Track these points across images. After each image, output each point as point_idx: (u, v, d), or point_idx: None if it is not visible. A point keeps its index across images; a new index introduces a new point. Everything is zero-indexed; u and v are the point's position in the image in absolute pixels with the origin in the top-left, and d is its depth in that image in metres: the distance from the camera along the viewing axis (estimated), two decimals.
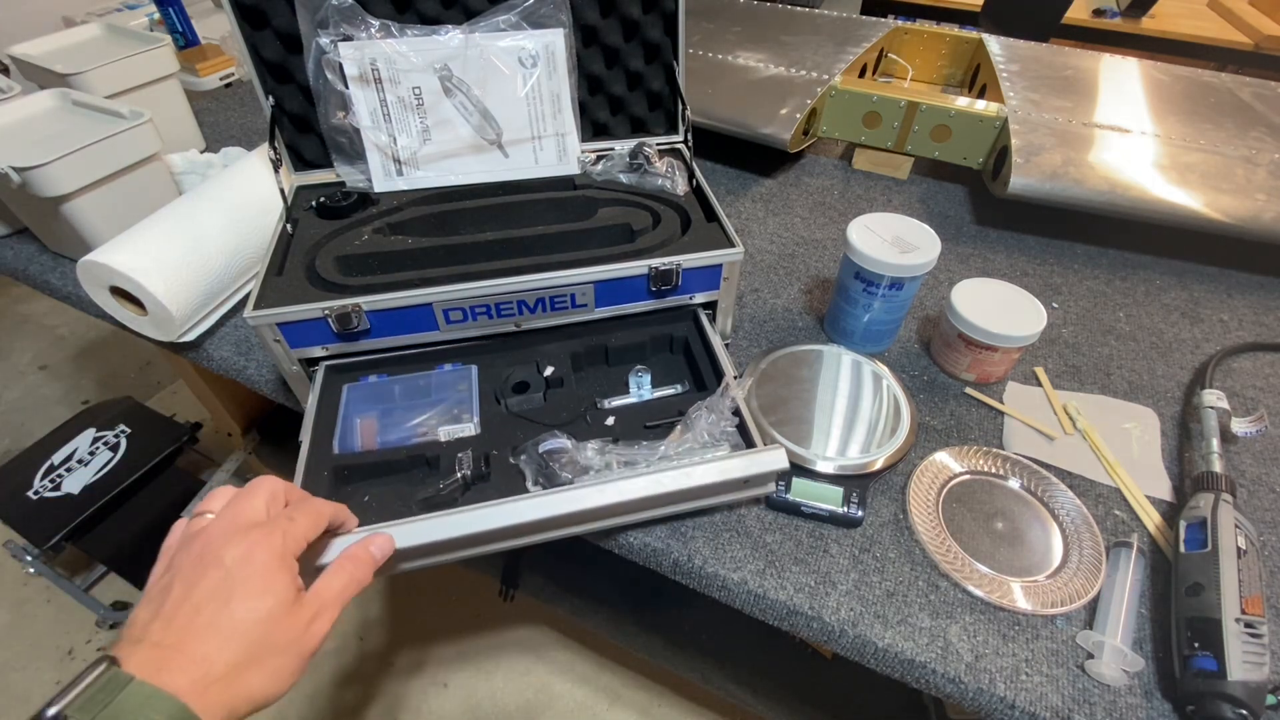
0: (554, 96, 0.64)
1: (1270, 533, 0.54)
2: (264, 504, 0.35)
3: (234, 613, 0.30)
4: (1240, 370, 0.68)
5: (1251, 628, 0.42)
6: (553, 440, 0.48)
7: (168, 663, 0.28)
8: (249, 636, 0.30)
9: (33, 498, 1.25)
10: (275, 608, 0.31)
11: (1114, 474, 0.57)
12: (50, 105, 0.79)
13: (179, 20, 1.10)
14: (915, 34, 1.16)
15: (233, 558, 0.32)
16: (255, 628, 0.31)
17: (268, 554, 0.32)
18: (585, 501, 0.43)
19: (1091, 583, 0.49)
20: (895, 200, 0.93)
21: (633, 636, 0.98)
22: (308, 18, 0.57)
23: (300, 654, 0.32)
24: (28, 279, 0.80)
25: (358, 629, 1.34)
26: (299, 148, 0.66)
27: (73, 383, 1.83)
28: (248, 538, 0.32)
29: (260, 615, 0.31)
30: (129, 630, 0.30)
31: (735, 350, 0.68)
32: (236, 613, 0.30)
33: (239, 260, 0.70)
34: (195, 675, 0.28)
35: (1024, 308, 0.62)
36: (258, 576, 0.31)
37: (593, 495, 0.43)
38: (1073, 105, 0.90)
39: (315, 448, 0.50)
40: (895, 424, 0.58)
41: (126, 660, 0.28)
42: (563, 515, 0.43)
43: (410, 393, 0.55)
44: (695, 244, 0.57)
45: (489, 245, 0.58)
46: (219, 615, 0.30)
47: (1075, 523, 0.53)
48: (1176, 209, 0.76)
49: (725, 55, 1.03)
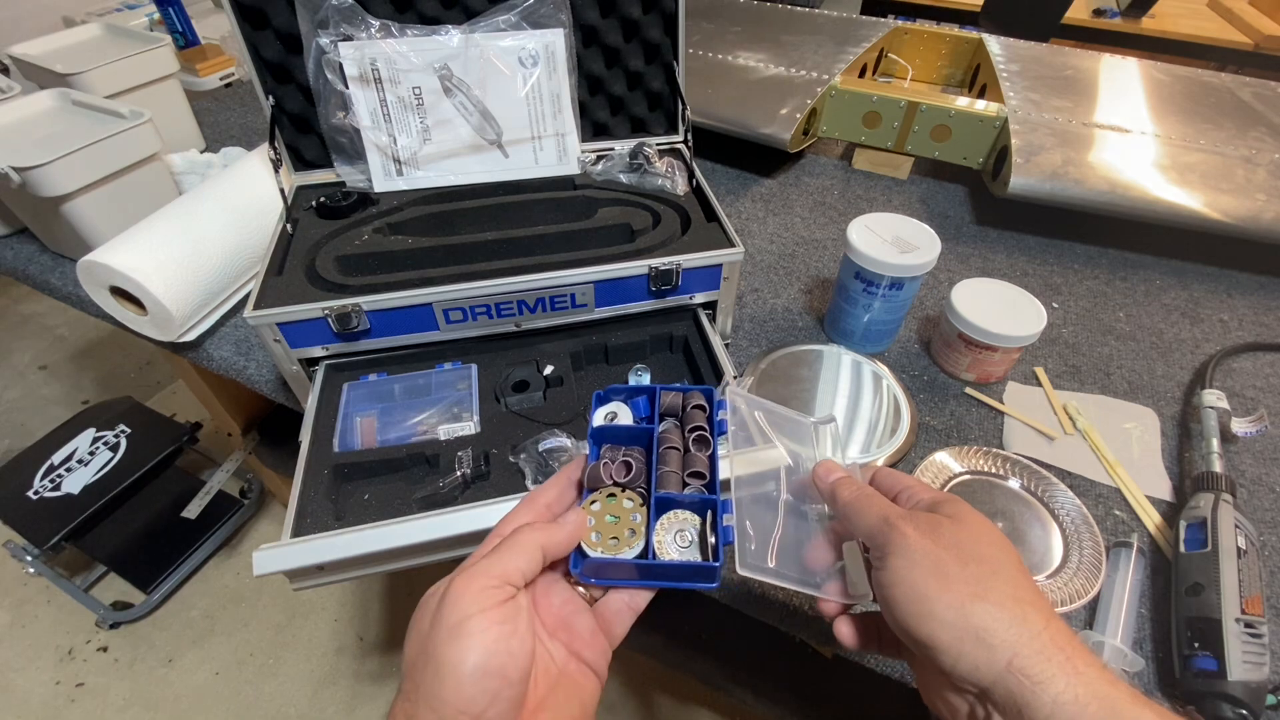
0: (554, 96, 0.64)
1: (1270, 533, 0.53)
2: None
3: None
4: (1240, 370, 0.68)
5: (1251, 628, 0.42)
6: (552, 439, 0.48)
7: None
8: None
9: (33, 498, 1.25)
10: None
11: (1114, 474, 0.57)
12: (50, 105, 0.79)
13: (179, 20, 1.10)
14: (915, 34, 1.16)
15: None
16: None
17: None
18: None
19: (1091, 583, 0.49)
20: (895, 200, 0.93)
21: (632, 636, 0.98)
22: (308, 18, 0.57)
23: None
24: (28, 279, 0.80)
25: (358, 629, 1.34)
26: (299, 148, 0.66)
27: (73, 383, 1.83)
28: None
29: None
30: None
31: (735, 350, 0.68)
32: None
33: (239, 260, 0.70)
34: None
35: (1024, 308, 0.62)
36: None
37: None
38: (1073, 105, 0.90)
39: (315, 447, 0.50)
40: (895, 424, 0.58)
41: None
42: None
43: (410, 391, 0.55)
44: (695, 244, 0.57)
45: (489, 245, 0.58)
46: None
47: (1075, 523, 0.53)
48: (1176, 209, 0.76)
49: (725, 55, 1.03)
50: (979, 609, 0.27)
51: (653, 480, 0.35)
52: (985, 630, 0.27)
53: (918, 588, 0.29)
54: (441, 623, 0.27)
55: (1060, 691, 0.25)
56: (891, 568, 0.30)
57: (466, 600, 0.28)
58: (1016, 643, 0.26)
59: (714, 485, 0.36)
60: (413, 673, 0.27)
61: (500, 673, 0.27)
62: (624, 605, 0.34)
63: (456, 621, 0.27)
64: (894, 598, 0.29)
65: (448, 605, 0.28)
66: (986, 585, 0.28)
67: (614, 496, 0.35)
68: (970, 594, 0.28)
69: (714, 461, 0.37)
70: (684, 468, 0.36)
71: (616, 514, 0.34)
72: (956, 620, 0.27)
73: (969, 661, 0.27)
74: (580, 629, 0.33)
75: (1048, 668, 0.26)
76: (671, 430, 0.38)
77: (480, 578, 0.29)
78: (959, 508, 0.32)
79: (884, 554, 0.30)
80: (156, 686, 1.25)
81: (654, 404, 0.39)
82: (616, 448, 0.37)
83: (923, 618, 0.28)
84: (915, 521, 0.31)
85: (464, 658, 0.26)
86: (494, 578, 0.29)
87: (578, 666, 0.32)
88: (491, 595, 0.28)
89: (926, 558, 0.29)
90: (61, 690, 1.25)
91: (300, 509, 0.45)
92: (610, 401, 0.41)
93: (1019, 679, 0.26)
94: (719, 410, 0.39)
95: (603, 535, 0.34)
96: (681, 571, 0.33)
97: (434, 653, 0.27)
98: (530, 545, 0.31)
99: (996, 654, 0.26)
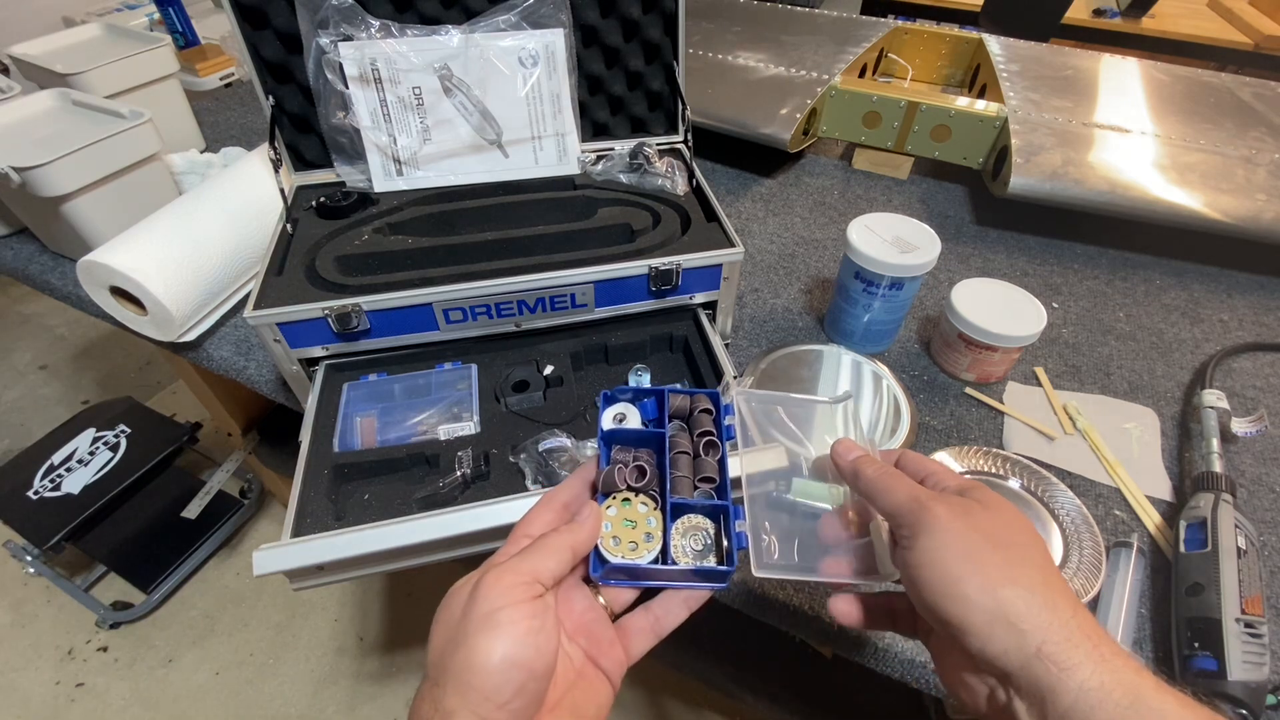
0: (554, 96, 0.64)
1: (1270, 533, 0.53)
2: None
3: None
4: (1240, 370, 0.68)
5: (1251, 628, 0.42)
6: (552, 439, 0.48)
7: None
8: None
9: (33, 498, 1.25)
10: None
11: (1114, 474, 0.57)
12: (50, 105, 0.79)
13: (179, 20, 1.10)
14: (915, 34, 1.16)
15: None
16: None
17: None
18: None
19: (1091, 583, 0.49)
20: (895, 200, 0.93)
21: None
22: (308, 18, 0.57)
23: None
24: (28, 279, 0.80)
25: (358, 629, 1.34)
26: (299, 148, 0.66)
27: (73, 383, 1.83)
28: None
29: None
30: None
31: (735, 350, 0.68)
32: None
33: (239, 260, 0.70)
34: None
35: (1024, 308, 0.62)
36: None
37: None
38: (1073, 105, 0.90)
39: (315, 446, 0.50)
40: (895, 424, 0.58)
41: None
42: None
43: (410, 391, 0.55)
44: (695, 244, 0.57)
45: (489, 245, 0.58)
46: None
47: (1075, 523, 0.53)
48: (1176, 209, 0.76)
49: (725, 55, 1.03)
50: (1011, 593, 0.27)
51: (666, 485, 0.36)
52: (1017, 614, 0.27)
53: (950, 569, 0.28)
54: (474, 612, 0.28)
55: (1086, 678, 0.25)
56: (922, 548, 0.29)
57: (498, 593, 0.28)
58: (1047, 628, 0.26)
59: (724, 490, 0.36)
60: (441, 659, 0.28)
61: (527, 665, 0.27)
62: (647, 627, 0.35)
63: (488, 611, 0.28)
64: (924, 579, 0.29)
65: (480, 596, 0.28)
66: (1018, 570, 0.28)
67: (628, 501, 0.35)
68: (1003, 578, 0.27)
69: (723, 466, 0.37)
70: (694, 472, 0.37)
71: (632, 518, 0.35)
72: (988, 603, 0.27)
73: (999, 645, 0.27)
74: (600, 637, 0.33)
75: (1075, 654, 0.26)
76: (680, 434, 0.38)
77: (511, 573, 0.29)
78: (988, 494, 0.31)
79: (914, 533, 0.30)
80: (156, 686, 1.25)
81: (663, 407, 0.40)
82: (626, 449, 0.38)
83: (954, 599, 0.28)
84: (947, 502, 0.30)
85: (494, 647, 0.27)
86: (525, 574, 0.29)
87: (594, 672, 0.32)
88: (522, 590, 0.29)
89: (959, 539, 0.29)
90: (61, 690, 1.25)
91: (300, 509, 0.45)
92: (617, 403, 0.41)
93: (1046, 665, 0.26)
94: (726, 415, 0.39)
95: (621, 539, 0.34)
96: (699, 576, 0.34)
97: (464, 640, 0.27)
98: (561, 547, 0.31)
99: (1027, 639, 0.26)
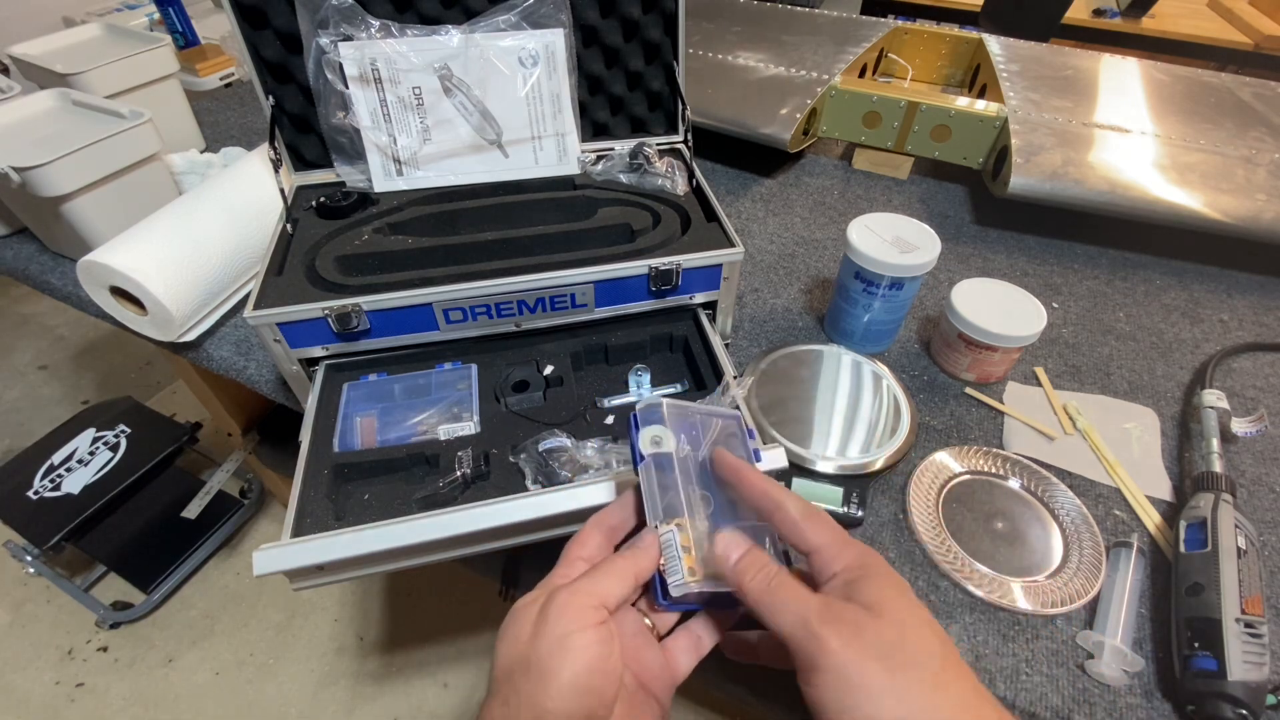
0: (554, 96, 0.64)
1: (1270, 533, 0.53)
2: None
3: None
4: (1240, 370, 0.68)
5: (1251, 628, 0.42)
6: (552, 439, 0.48)
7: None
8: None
9: (33, 498, 1.25)
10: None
11: (1114, 474, 0.57)
12: (50, 105, 0.79)
13: (179, 20, 1.10)
14: (915, 34, 1.16)
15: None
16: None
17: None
18: (585, 500, 0.43)
19: (1091, 583, 0.49)
20: (895, 200, 0.93)
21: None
22: (308, 18, 0.57)
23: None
24: (28, 279, 0.80)
25: (358, 629, 1.34)
26: (299, 148, 0.66)
27: (73, 383, 1.83)
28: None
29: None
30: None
31: (735, 350, 0.68)
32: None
33: (239, 260, 0.70)
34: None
35: (1024, 308, 0.62)
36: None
37: (592, 494, 0.43)
38: (1073, 105, 0.90)
39: (315, 447, 0.50)
40: (895, 424, 0.58)
41: None
42: (562, 514, 0.43)
43: (410, 391, 0.55)
44: (695, 244, 0.57)
45: (489, 245, 0.58)
46: None
47: (1075, 523, 0.53)
48: (1176, 209, 0.76)
49: (725, 55, 1.03)
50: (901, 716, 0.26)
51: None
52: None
53: (844, 699, 0.27)
54: (547, 634, 0.28)
55: None
56: (816, 684, 0.27)
57: (569, 616, 0.29)
58: None
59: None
60: (511, 679, 0.28)
61: (598, 691, 0.28)
62: (690, 645, 0.34)
63: (562, 634, 0.28)
64: (820, 712, 0.27)
65: (553, 618, 0.29)
66: (912, 700, 0.26)
67: (682, 526, 0.35)
68: (894, 703, 0.26)
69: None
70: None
71: (686, 545, 0.34)
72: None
73: None
74: (649, 661, 0.33)
75: None
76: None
77: (581, 595, 0.30)
78: (878, 589, 0.29)
79: (809, 667, 0.28)
80: (156, 686, 1.25)
81: (705, 434, 0.39)
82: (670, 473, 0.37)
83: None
84: (837, 625, 0.28)
85: (566, 670, 0.27)
86: (594, 597, 0.30)
87: (644, 696, 0.32)
88: (591, 615, 0.29)
89: (854, 671, 0.27)
90: (61, 690, 1.25)
91: (300, 509, 0.45)
92: (652, 425, 0.38)
93: None
94: (750, 439, 0.40)
95: (681, 565, 0.34)
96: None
97: (538, 661, 0.28)
98: (626, 572, 0.31)
99: None
